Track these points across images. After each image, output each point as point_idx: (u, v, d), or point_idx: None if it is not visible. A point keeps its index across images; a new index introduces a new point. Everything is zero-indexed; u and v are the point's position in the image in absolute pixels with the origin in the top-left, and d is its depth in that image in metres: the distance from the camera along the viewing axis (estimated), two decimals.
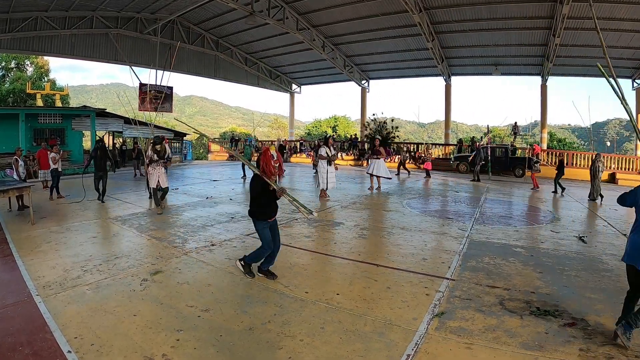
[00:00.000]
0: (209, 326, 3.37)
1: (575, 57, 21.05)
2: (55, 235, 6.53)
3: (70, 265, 4.97)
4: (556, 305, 3.87)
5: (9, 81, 35.75)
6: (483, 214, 8.96)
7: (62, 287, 4.21)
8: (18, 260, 5.21)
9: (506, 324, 3.46)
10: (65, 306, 3.76)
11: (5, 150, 17.82)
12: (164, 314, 3.60)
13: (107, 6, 20.63)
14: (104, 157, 9.89)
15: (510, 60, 23.26)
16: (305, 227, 7.23)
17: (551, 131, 38.27)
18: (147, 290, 4.17)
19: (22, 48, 20.40)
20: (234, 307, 3.77)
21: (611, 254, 5.90)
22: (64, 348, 3.00)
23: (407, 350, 3.01)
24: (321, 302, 3.89)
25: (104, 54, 22.83)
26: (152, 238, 6.37)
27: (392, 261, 5.32)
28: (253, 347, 3.04)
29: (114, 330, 3.30)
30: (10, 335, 3.21)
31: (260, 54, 29.66)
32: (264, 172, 4.35)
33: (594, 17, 6.82)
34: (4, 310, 3.68)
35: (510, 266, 5.13)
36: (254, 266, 4.64)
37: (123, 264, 4.99)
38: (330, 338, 3.20)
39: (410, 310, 3.74)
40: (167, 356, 2.90)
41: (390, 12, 20.18)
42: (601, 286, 4.49)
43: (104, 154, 9.97)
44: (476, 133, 49.13)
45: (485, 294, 4.16)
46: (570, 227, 7.83)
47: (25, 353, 2.94)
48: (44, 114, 20.19)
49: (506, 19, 19.14)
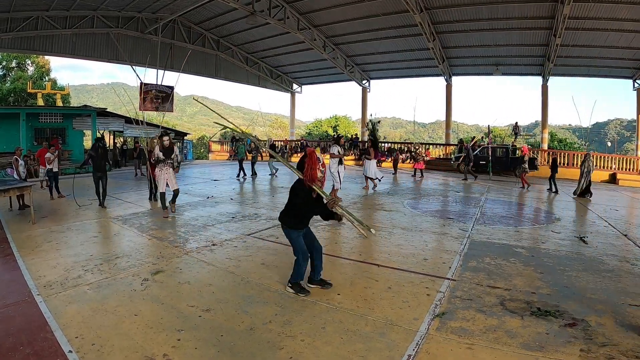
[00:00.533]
0: (210, 326, 3.37)
1: (576, 57, 21.03)
2: (56, 235, 6.53)
3: (71, 264, 4.97)
4: (557, 306, 3.87)
5: (10, 80, 35.77)
6: (484, 214, 8.95)
7: (63, 287, 4.21)
8: (19, 260, 5.21)
9: (507, 325, 3.46)
10: (66, 306, 3.76)
11: (6, 149, 17.85)
12: (165, 314, 3.60)
13: (108, 6, 20.60)
14: (104, 157, 9.21)
15: (511, 60, 23.24)
16: None
17: (552, 131, 38.21)
18: (148, 290, 4.17)
19: (24, 47, 20.39)
20: (235, 307, 3.77)
21: (612, 254, 5.90)
22: (65, 348, 3.00)
23: (408, 350, 3.01)
24: (322, 302, 3.89)
25: (105, 54, 22.81)
26: (153, 238, 6.38)
27: (393, 261, 5.32)
28: (254, 347, 3.04)
29: (115, 330, 3.30)
30: (11, 335, 3.21)
31: (261, 54, 29.64)
32: (311, 178, 3.87)
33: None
34: (4, 310, 3.68)
35: (511, 266, 5.13)
36: (304, 283, 4.23)
37: (124, 264, 4.99)
38: (331, 338, 3.20)
39: (412, 310, 3.74)
40: (168, 356, 2.90)
41: (391, 12, 20.16)
42: (602, 287, 4.49)
43: (104, 153, 9.28)
44: (477, 133, 49.08)
45: (486, 294, 4.16)
46: (571, 227, 7.84)
47: (26, 353, 2.94)
48: (45, 113, 20.24)
49: (507, 19, 19.11)
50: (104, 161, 9.17)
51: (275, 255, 5.50)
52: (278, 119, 65.22)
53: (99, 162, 9.01)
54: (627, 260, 5.61)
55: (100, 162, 9.04)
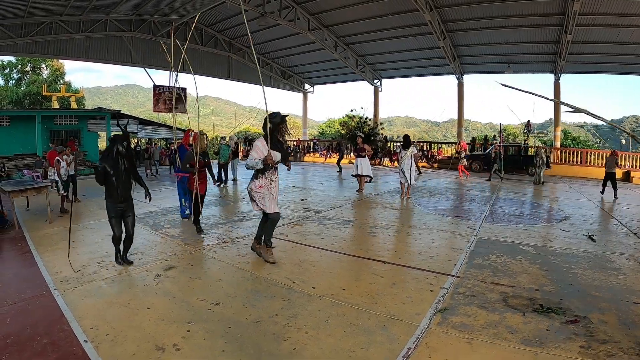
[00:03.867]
0: (219, 318, 3.50)
1: (588, 54, 20.86)
2: (71, 234, 6.72)
3: (87, 261, 5.15)
4: (560, 303, 3.90)
5: (25, 84, 36.58)
6: (493, 212, 8.96)
7: (79, 282, 4.37)
8: (36, 257, 5.41)
9: (508, 321, 3.51)
10: (82, 299, 3.92)
11: (22, 151, 18.31)
12: (176, 307, 3.73)
13: (120, 10, 20.97)
14: (128, 171, 4.93)
15: (523, 57, 23.10)
16: (315, 226, 7.34)
17: (565, 129, 37.77)
18: (161, 284, 4.31)
19: (38, 52, 20.92)
20: (243, 301, 3.90)
21: (620, 252, 5.88)
22: (80, 338, 3.15)
23: (408, 343, 3.09)
24: (327, 297, 3.99)
25: (118, 57, 23.26)
26: (165, 236, 6.53)
27: (399, 258, 5.40)
28: (260, 338, 3.16)
29: (128, 322, 3.44)
30: (29, 326, 3.38)
31: (273, 55, 29.87)
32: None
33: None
34: (23, 303, 3.84)
35: (517, 264, 5.17)
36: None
37: (137, 260, 5.15)
38: (334, 331, 3.30)
39: (414, 305, 3.81)
40: (177, 346, 3.03)
41: (401, 11, 20.23)
42: (607, 285, 4.49)
43: (129, 163, 4.95)
44: (490, 131, 48.70)
45: (490, 291, 4.21)
46: (580, 225, 7.80)
47: (43, 342, 3.09)
48: (60, 115, 20.71)
49: (517, 17, 19.02)
50: (128, 179, 4.93)
51: (284, 252, 5.61)
52: (291, 118, 65.34)
53: (119, 180, 4.80)
54: (635, 259, 5.58)
55: (121, 181, 4.82)
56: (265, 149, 4.81)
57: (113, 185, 4.79)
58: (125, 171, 4.88)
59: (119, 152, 4.82)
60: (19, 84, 36.72)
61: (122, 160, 4.83)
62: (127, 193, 4.95)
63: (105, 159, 4.89)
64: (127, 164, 4.91)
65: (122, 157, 4.84)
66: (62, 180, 8.93)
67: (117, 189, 4.80)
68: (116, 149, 4.82)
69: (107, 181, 4.77)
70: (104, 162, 4.82)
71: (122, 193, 4.86)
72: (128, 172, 4.92)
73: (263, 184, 4.92)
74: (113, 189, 4.81)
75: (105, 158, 4.88)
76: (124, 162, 4.87)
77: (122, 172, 4.83)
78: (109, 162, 4.79)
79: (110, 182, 4.77)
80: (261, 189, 4.91)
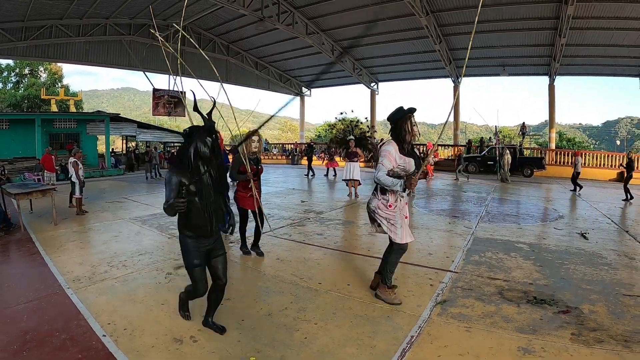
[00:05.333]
0: (232, 313, 3.67)
1: (582, 56, 21.22)
2: (78, 235, 6.87)
3: (97, 261, 5.26)
4: (552, 295, 4.11)
5: (23, 87, 36.62)
6: (489, 212, 9.18)
7: (91, 281, 4.50)
8: (45, 257, 5.48)
9: (504, 311, 3.72)
10: (96, 297, 4.04)
11: (22, 154, 18.43)
12: (190, 303, 3.89)
13: (119, 14, 21.17)
14: (218, 184, 3.09)
15: (518, 61, 23.45)
16: (317, 226, 7.53)
17: (561, 130, 38.15)
18: (172, 282, 4.47)
19: (38, 55, 21.08)
20: (254, 297, 4.09)
21: (611, 249, 6.11)
22: (99, 332, 3.28)
23: (411, 332, 3.30)
24: (333, 292, 4.19)
25: (117, 60, 23.44)
26: (172, 237, 6.63)
27: None
28: (272, 330, 3.35)
29: (144, 317, 3.59)
30: (46, 322, 3.47)
31: (271, 58, 30.11)
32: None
33: None
34: (37, 302, 3.93)
35: (512, 260, 5.38)
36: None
37: (147, 260, 5.31)
38: (341, 322, 3.49)
39: (415, 298, 4.02)
40: (194, 337, 3.21)
41: (397, 16, 20.45)
42: (598, 278, 4.71)
43: (219, 173, 3.10)
44: (486, 134, 49.02)
45: (486, 284, 4.42)
46: (573, 224, 8.03)
47: (62, 338, 3.20)
48: (59, 119, 20.84)
49: (512, 21, 19.34)
50: (217, 197, 3.10)
51: (289, 251, 5.81)
52: (288, 121, 65.59)
53: (206, 200, 2.99)
54: (625, 255, 5.81)
55: (209, 202, 3.00)
56: (400, 156, 3.60)
57: (198, 209, 2.96)
58: (213, 184, 3.04)
59: (202, 156, 2.91)
60: (17, 87, 36.77)
61: (206, 167, 2.96)
62: (219, 219, 3.13)
63: (180, 167, 2.92)
64: (214, 174, 3.05)
65: (207, 162, 2.95)
66: (82, 182, 8.95)
67: (205, 216, 2.98)
68: (198, 148, 2.90)
69: (188, 205, 2.84)
70: (181, 175, 2.88)
71: (213, 220, 3.05)
72: (216, 185, 3.08)
73: (393, 202, 3.68)
74: (199, 216, 2.97)
75: (182, 167, 2.92)
76: (210, 170, 3.00)
77: (208, 187, 3.00)
78: (187, 176, 2.89)
79: (193, 205, 2.92)
80: (392, 209, 3.69)
